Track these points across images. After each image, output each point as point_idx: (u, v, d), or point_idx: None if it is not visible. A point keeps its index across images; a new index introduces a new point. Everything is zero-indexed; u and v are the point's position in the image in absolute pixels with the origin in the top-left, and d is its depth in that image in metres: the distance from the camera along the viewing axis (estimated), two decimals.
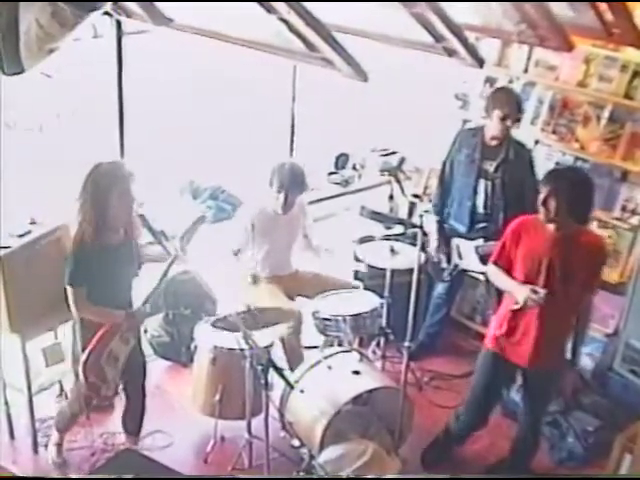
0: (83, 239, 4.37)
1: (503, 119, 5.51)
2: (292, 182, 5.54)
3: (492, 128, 5.60)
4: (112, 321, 4.51)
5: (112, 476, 4.05)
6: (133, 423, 5.10)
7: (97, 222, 4.35)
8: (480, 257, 5.77)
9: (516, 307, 4.48)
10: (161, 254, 4.75)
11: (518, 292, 4.44)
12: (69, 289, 4.45)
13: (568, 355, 4.73)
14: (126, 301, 4.67)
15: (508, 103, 5.53)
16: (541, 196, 4.27)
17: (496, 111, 5.52)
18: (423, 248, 5.15)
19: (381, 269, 5.83)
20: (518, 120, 5.60)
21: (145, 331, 6.09)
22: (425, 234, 5.02)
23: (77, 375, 4.67)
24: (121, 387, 4.98)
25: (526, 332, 4.57)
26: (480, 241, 5.76)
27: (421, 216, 5.16)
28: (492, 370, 4.79)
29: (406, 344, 4.99)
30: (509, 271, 4.58)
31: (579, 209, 4.31)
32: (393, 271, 5.78)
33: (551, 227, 4.35)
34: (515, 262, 4.53)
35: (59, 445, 5.10)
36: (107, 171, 4.37)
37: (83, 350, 4.50)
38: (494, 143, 5.64)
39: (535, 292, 4.34)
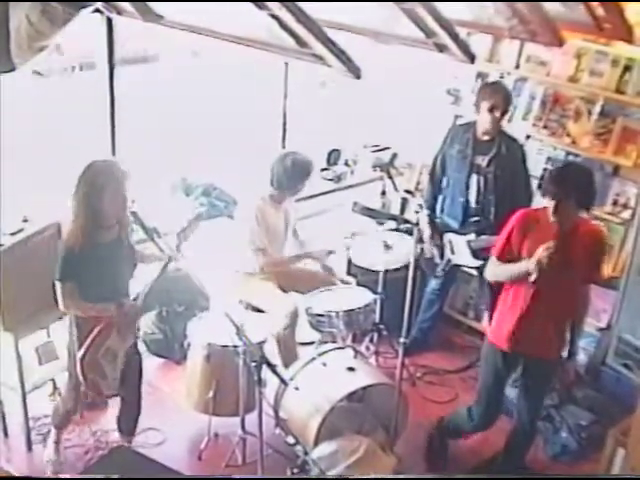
0: (76, 237, 4.36)
1: (491, 110, 5.55)
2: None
3: (482, 121, 5.63)
4: (101, 314, 4.46)
5: (108, 476, 4.05)
6: (128, 424, 5.08)
7: (89, 220, 4.35)
8: (472, 251, 5.78)
9: (533, 278, 4.38)
10: (156, 256, 4.76)
11: (530, 262, 4.36)
12: (58, 284, 4.42)
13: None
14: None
15: (495, 94, 5.59)
16: (552, 204, 4.25)
17: (484, 103, 5.56)
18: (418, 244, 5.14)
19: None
20: (506, 111, 5.62)
21: (138, 329, 6.10)
22: (419, 230, 5.02)
23: (70, 373, 4.65)
24: None
25: (536, 322, 4.55)
26: (472, 236, 5.77)
27: (417, 212, 5.17)
28: (500, 363, 4.75)
29: (401, 340, 4.99)
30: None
31: (588, 204, 4.37)
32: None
33: (555, 220, 4.34)
34: (522, 255, 4.50)
35: (57, 443, 5.09)
36: (101, 170, 4.36)
37: (80, 347, 4.47)
38: (486, 138, 5.67)
39: (547, 249, 4.27)
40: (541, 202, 4.52)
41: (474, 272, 6.13)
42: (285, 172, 5.56)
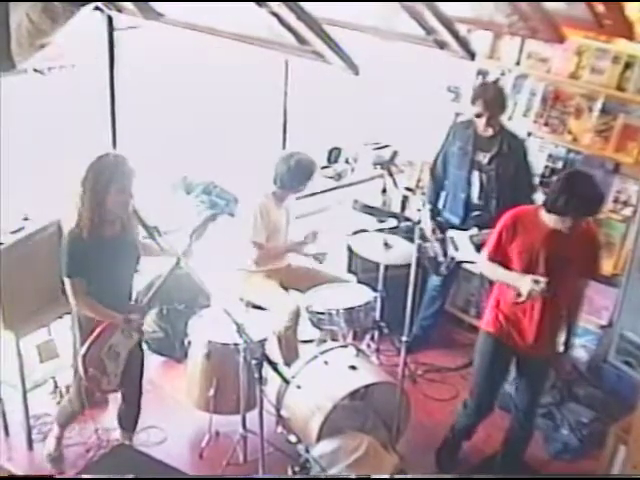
0: (81, 230, 4.34)
1: (477, 116, 5.57)
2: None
3: (476, 123, 5.65)
4: (109, 321, 4.48)
5: (108, 475, 4.04)
6: (129, 420, 5.06)
7: (95, 213, 4.33)
8: (476, 246, 5.76)
9: (521, 300, 4.47)
10: (160, 249, 4.76)
11: (521, 284, 4.40)
12: (67, 281, 4.41)
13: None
14: (125, 296, 4.65)
15: (478, 103, 5.58)
16: (567, 220, 4.27)
17: (473, 108, 5.59)
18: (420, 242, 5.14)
19: (374, 262, 5.83)
20: (492, 116, 5.59)
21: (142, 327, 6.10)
22: (421, 229, 5.01)
23: (76, 370, 4.64)
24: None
25: (529, 319, 4.57)
26: (474, 230, 5.75)
27: (419, 210, 5.16)
28: (493, 351, 4.77)
29: (403, 339, 4.99)
30: (506, 264, 4.56)
31: (596, 214, 4.48)
32: (387, 265, 5.78)
33: (547, 219, 4.35)
34: (512, 255, 4.51)
35: (58, 439, 5.10)
36: (109, 164, 4.33)
37: (83, 343, 4.47)
38: (488, 135, 5.65)
39: (537, 282, 4.32)
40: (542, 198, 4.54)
41: (476, 270, 6.12)
42: (288, 171, 5.57)
